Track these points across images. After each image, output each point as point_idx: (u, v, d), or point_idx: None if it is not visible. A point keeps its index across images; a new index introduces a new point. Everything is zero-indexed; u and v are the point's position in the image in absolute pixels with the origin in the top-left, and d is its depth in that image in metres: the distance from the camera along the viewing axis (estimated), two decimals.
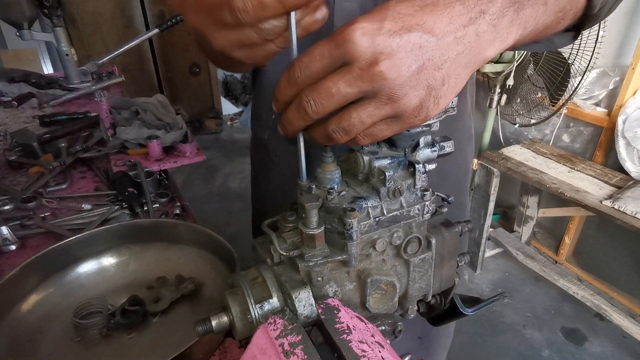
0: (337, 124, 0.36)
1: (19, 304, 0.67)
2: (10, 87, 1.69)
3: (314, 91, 0.35)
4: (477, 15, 0.35)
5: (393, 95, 0.34)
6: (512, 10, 0.36)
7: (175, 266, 0.75)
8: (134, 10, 3.66)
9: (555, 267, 2.40)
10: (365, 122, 0.35)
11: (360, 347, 0.33)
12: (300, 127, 0.38)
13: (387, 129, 0.37)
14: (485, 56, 0.37)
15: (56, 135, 1.25)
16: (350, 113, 0.35)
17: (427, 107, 0.35)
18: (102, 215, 0.93)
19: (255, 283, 0.40)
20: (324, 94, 0.34)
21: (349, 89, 0.34)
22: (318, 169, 0.41)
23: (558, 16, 0.42)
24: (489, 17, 0.35)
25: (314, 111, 0.35)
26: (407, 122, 0.36)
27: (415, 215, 0.42)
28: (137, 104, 1.35)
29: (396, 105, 0.34)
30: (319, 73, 0.35)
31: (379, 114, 0.35)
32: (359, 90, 0.34)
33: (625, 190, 1.88)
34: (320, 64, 0.34)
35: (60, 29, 1.75)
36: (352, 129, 0.36)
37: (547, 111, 2.22)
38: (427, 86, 0.34)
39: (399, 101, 0.34)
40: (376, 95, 0.34)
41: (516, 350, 2.03)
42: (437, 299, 0.51)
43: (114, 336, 0.65)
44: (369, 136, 0.37)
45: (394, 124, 0.36)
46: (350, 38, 0.33)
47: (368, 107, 0.35)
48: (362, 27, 0.33)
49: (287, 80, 0.36)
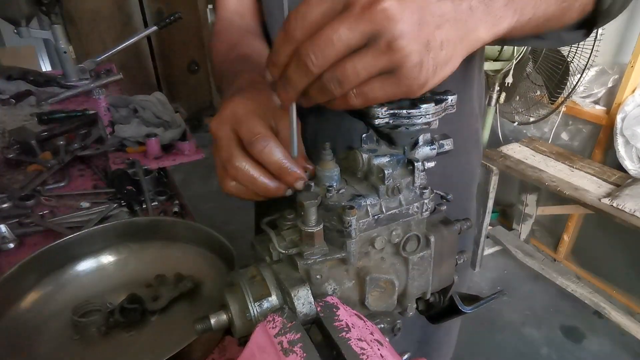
0: (332, 73, 0.34)
1: (18, 302, 0.67)
2: (8, 85, 1.69)
3: (314, 42, 0.32)
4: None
5: (393, 43, 0.32)
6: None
7: (174, 264, 0.75)
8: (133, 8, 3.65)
9: (554, 265, 2.40)
10: (360, 74, 0.33)
11: (359, 345, 0.33)
12: (302, 87, 0.36)
13: (380, 89, 0.35)
14: (478, 36, 0.36)
15: (54, 133, 1.25)
16: (345, 62, 0.33)
17: (427, 70, 0.34)
18: (100, 214, 0.93)
19: (254, 281, 0.40)
20: (324, 44, 0.32)
21: (351, 33, 0.32)
22: (317, 167, 0.41)
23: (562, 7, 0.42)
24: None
25: (315, 64, 0.33)
26: (403, 82, 0.34)
27: (414, 213, 0.42)
28: (135, 102, 1.35)
29: (395, 57, 0.32)
30: (317, 21, 0.33)
31: (376, 65, 0.33)
32: (360, 33, 0.32)
33: (623, 188, 1.88)
34: (318, 10, 0.33)
35: (58, 27, 1.74)
36: (346, 80, 0.33)
37: (546, 109, 2.22)
38: (426, 43, 0.33)
39: (398, 51, 0.32)
40: (375, 42, 0.32)
41: (515, 348, 2.03)
42: (436, 297, 0.51)
43: (112, 334, 0.64)
44: (361, 95, 0.35)
45: (388, 84, 0.34)
46: None
47: (365, 56, 0.33)
48: None
49: (283, 38, 0.34)
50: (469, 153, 0.80)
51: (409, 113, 0.37)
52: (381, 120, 0.38)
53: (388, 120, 0.38)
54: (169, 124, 1.28)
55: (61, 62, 1.79)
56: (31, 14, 1.71)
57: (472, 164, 0.82)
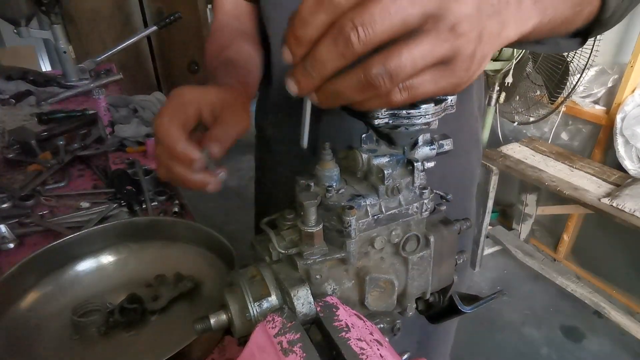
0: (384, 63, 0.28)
1: (17, 302, 0.67)
2: (7, 85, 1.69)
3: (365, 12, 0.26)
4: None
5: (457, 26, 0.28)
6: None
7: (173, 264, 0.75)
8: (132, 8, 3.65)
9: (553, 265, 2.40)
10: (418, 63, 0.28)
11: (359, 345, 0.33)
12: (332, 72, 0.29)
13: (430, 82, 0.30)
14: (507, 33, 0.33)
15: (54, 133, 1.25)
16: (400, 49, 0.28)
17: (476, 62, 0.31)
18: (100, 214, 0.93)
19: (253, 281, 0.40)
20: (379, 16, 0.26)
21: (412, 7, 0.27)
22: (317, 167, 0.41)
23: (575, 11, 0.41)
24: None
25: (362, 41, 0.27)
26: (456, 74, 0.31)
27: (413, 213, 0.42)
28: (135, 102, 1.35)
29: (456, 44, 0.29)
30: None
31: (435, 54, 0.29)
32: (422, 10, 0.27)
33: (623, 188, 1.88)
34: None
35: (58, 27, 1.74)
36: (400, 72, 0.28)
37: (545, 109, 2.22)
38: (480, 34, 0.30)
39: (460, 37, 0.28)
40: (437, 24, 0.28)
41: (514, 348, 2.03)
42: (436, 296, 0.51)
43: (112, 334, 0.64)
44: (408, 89, 0.30)
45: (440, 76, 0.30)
46: None
47: (424, 42, 0.28)
48: None
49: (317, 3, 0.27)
50: (468, 153, 0.80)
51: (409, 113, 0.37)
52: (381, 120, 0.38)
53: (387, 121, 0.38)
54: None
55: (61, 62, 1.78)
56: (31, 14, 1.71)
57: (472, 164, 0.83)
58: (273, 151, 0.83)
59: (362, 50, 0.28)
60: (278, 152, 0.82)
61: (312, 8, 0.28)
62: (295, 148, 0.75)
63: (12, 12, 1.66)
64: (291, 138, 0.78)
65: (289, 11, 0.30)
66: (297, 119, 0.36)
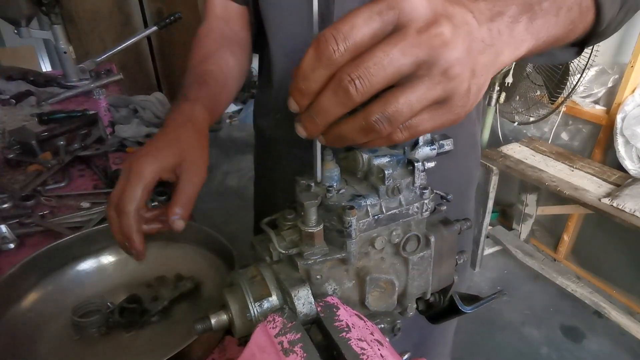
0: (382, 110, 0.30)
1: (18, 303, 0.67)
2: (8, 85, 1.69)
3: (360, 66, 0.28)
4: (497, 15, 0.34)
5: (449, 70, 0.29)
6: (526, 18, 0.36)
7: (174, 265, 0.75)
8: (132, 8, 3.65)
9: (554, 264, 2.40)
10: (414, 107, 0.30)
11: (360, 345, 0.33)
12: (335, 118, 0.32)
13: (429, 120, 0.32)
14: (502, 60, 0.35)
15: (54, 133, 1.25)
16: (396, 96, 0.30)
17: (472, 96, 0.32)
18: (100, 214, 0.93)
19: (254, 281, 0.40)
20: (373, 68, 0.28)
21: (404, 58, 0.28)
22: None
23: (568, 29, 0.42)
24: (507, 19, 0.34)
25: (359, 92, 0.29)
26: (453, 111, 0.32)
27: (414, 214, 0.42)
28: (135, 102, 1.35)
29: (450, 86, 0.30)
30: (364, 43, 0.29)
31: (430, 97, 0.30)
32: (414, 60, 0.29)
33: (623, 188, 1.88)
34: (367, 31, 0.29)
35: (58, 27, 1.74)
36: (398, 116, 0.30)
37: (546, 109, 2.22)
38: (473, 70, 0.31)
39: (453, 79, 0.30)
40: (430, 70, 0.29)
41: (514, 348, 2.03)
42: (436, 297, 0.51)
43: (112, 334, 0.65)
44: (408, 129, 0.32)
45: (438, 114, 0.32)
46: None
47: (418, 87, 0.30)
48: None
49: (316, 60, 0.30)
50: (466, 156, 0.80)
51: None
52: None
53: None
54: None
55: (61, 62, 1.79)
56: (31, 14, 1.71)
57: (470, 166, 0.83)
58: (272, 152, 0.83)
59: (361, 99, 0.30)
60: (277, 153, 0.81)
61: (312, 64, 0.30)
62: (294, 149, 0.75)
63: (12, 12, 1.66)
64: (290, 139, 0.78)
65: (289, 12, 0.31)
66: None
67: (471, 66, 0.31)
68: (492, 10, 0.34)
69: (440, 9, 0.30)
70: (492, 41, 0.33)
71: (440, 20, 0.29)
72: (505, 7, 0.34)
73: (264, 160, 0.88)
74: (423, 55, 0.29)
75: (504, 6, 0.34)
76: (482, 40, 0.32)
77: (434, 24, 0.29)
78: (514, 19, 0.35)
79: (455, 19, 0.30)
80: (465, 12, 0.32)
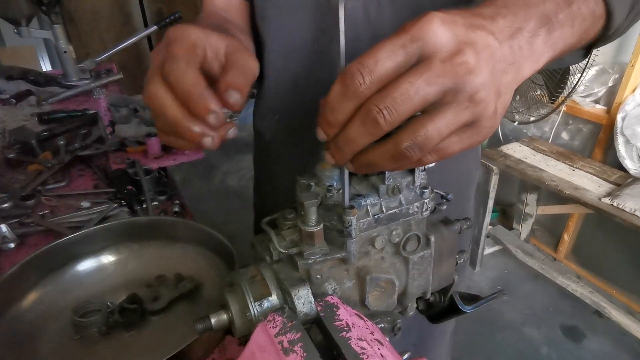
0: (412, 138, 0.31)
1: (18, 302, 0.67)
2: (8, 85, 1.69)
3: (387, 97, 0.29)
4: (517, 31, 0.34)
5: (475, 95, 0.30)
6: (544, 31, 0.36)
7: (174, 264, 0.75)
8: (132, 8, 3.65)
9: (554, 264, 2.40)
10: (443, 132, 0.31)
11: (360, 344, 0.33)
12: (363, 147, 0.33)
13: (457, 142, 0.33)
14: (522, 74, 0.35)
15: (55, 133, 1.25)
16: (424, 123, 0.31)
17: (498, 116, 0.33)
18: (101, 213, 0.93)
19: (254, 281, 0.40)
20: (400, 99, 0.29)
21: (429, 87, 0.29)
22: (317, 167, 0.41)
23: (582, 37, 0.42)
24: (527, 34, 0.35)
25: (387, 122, 0.30)
26: (481, 132, 0.33)
27: (414, 213, 0.42)
28: (135, 102, 1.35)
29: (477, 110, 0.31)
30: (389, 75, 0.30)
31: (458, 121, 0.31)
32: (440, 88, 0.30)
33: (624, 187, 1.88)
34: (392, 64, 0.30)
35: (58, 27, 1.74)
36: (428, 143, 0.31)
37: (546, 108, 2.22)
38: (497, 90, 0.32)
39: (479, 104, 0.31)
40: (456, 97, 0.30)
41: (515, 347, 2.03)
42: (436, 296, 0.51)
43: (113, 334, 0.64)
44: (437, 152, 0.33)
45: (466, 136, 0.33)
46: (429, 28, 0.29)
47: (446, 113, 0.31)
48: (439, 16, 0.30)
49: (343, 93, 0.31)
50: (466, 156, 0.80)
51: None
52: None
53: None
54: None
55: (61, 61, 1.78)
56: (31, 13, 1.71)
57: (470, 166, 0.83)
58: (271, 153, 0.82)
59: (389, 128, 0.31)
60: (276, 154, 0.81)
61: (339, 97, 0.31)
62: (294, 150, 0.75)
63: (12, 12, 1.66)
64: (289, 139, 0.78)
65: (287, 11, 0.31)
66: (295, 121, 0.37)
67: (496, 87, 0.32)
68: (512, 27, 0.34)
69: (462, 37, 0.30)
70: (514, 58, 0.34)
71: (464, 49, 0.30)
72: (524, 22, 0.35)
73: (263, 161, 0.88)
74: (449, 83, 0.30)
75: (523, 21, 0.35)
76: (504, 59, 0.33)
77: (458, 53, 0.30)
78: (533, 33, 0.35)
79: (477, 45, 0.31)
80: (487, 35, 0.32)
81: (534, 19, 0.35)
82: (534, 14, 0.36)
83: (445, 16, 0.31)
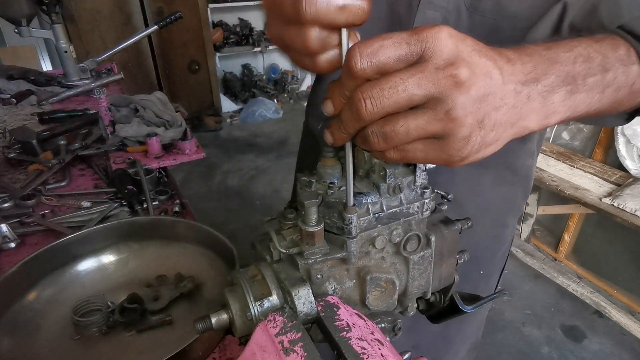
0: (380, 127, 0.32)
1: (19, 302, 0.67)
2: (9, 85, 1.69)
3: (375, 86, 0.31)
4: (532, 81, 0.34)
5: (452, 112, 0.31)
6: (565, 91, 0.35)
7: (174, 264, 0.75)
8: (133, 7, 3.65)
9: (554, 264, 2.40)
10: (411, 134, 0.32)
11: (360, 344, 0.33)
12: (351, 133, 0.34)
13: (421, 152, 0.34)
14: (526, 125, 0.35)
15: (55, 132, 1.25)
16: (397, 119, 0.32)
17: (472, 146, 0.33)
18: (101, 213, 0.93)
19: (254, 281, 0.40)
20: (386, 91, 0.31)
21: (417, 89, 0.31)
22: (319, 164, 0.41)
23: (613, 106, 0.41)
24: (541, 87, 0.34)
25: (368, 111, 0.31)
26: (446, 151, 0.33)
27: (414, 213, 0.42)
28: (136, 102, 1.35)
29: (449, 126, 0.32)
30: (387, 64, 0.31)
31: (428, 129, 0.32)
32: (426, 92, 0.31)
33: (624, 187, 1.88)
34: (393, 53, 0.31)
35: (58, 26, 1.74)
36: (394, 137, 0.32)
37: None
38: (480, 121, 0.32)
39: (454, 121, 0.31)
40: (435, 106, 0.31)
41: (515, 347, 2.03)
42: (437, 296, 0.51)
43: (113, 334, 0.65)
44: (400, 151, 0.34)
45: (431, 148, 0.34)
46: (436, 34, 0.30)
47: (420, 118, 0.32)
48: (449, 30, 0.31)
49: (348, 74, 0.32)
50: (512, 184, 0.77)
51: None
52: None
53: None
54: (170, 123, 1.28)
55: (62, 61, 1.79)
56: (32, 13, 1.71)
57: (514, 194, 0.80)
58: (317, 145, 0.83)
59: (370, 118, 0.32)
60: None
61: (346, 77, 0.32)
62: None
63: (13, 11, 1.66)
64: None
65: None
66: None
67: (479, 116, 0.32)
68: (527, 75, 0.34)
69: (464, 54, 0.31)
70: (516, 103, 0.33)
71: (459, 64, 0.31)
72: (544, 76, 0.34)
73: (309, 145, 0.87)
74: (434, 91, 0.31)
75: (542, 74, 0.34)
76: (503, 97, 0.33)
77: (452, 65, 0.31)
78: (550, 88, 0.35)
79: (476, 68, 0.31)
80: (491, 66, 0.32)
81: (556, 76, 0.35)
82: (558, 71, 0.35)
83: (454, 32, 0.31)
